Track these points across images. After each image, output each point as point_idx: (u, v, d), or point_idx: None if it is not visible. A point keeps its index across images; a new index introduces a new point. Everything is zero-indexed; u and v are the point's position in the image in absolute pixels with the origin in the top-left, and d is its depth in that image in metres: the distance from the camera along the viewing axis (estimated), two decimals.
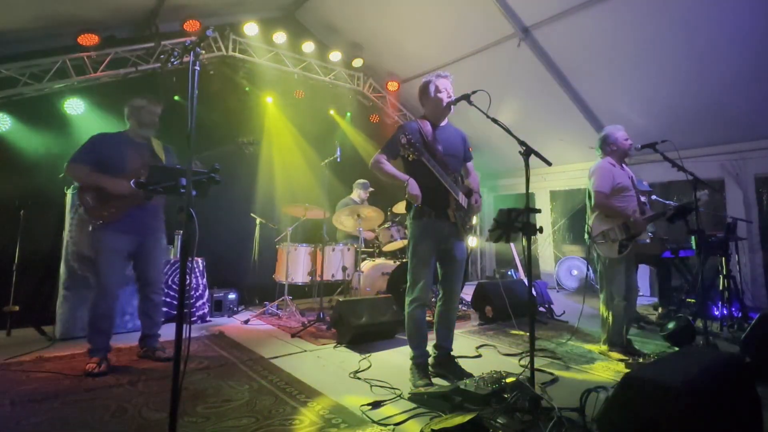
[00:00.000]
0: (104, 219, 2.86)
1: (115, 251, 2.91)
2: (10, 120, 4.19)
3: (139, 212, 2.96)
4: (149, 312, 3.15)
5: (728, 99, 5.00)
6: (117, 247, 2.91)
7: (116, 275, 2.92)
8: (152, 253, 3.11)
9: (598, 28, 4.94)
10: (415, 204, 2.62)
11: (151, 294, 3.13)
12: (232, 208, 5.47)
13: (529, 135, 2.95)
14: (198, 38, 1.81)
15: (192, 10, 5.10)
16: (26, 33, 4.39)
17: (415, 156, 2.46)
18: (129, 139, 3.06)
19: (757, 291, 5.30)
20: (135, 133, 3.08)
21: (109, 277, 2.87)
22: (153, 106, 3.11)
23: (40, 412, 2.16)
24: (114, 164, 2.90)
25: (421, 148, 2.49)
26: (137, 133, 3.08)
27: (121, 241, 2.92)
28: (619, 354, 3.18)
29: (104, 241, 2.87)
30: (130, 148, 3.00)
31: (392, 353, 3.33)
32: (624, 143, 3.33)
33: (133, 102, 3.10)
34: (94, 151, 2.91)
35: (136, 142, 3.06)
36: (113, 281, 2.90)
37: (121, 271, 2.97)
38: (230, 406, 2.26)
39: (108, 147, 2.95)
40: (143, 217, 3.00)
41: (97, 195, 2.86)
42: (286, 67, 6.07)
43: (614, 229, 3.17)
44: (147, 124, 3.08)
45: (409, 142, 2.42)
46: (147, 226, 3.04)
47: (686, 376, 1.65)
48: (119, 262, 2.94)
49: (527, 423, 2.02)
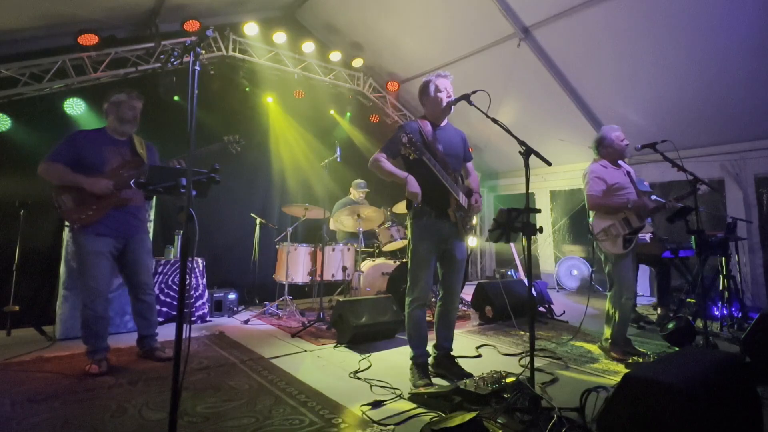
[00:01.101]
0: (83, 222, 2.75)
1: (99, 254, 2.79)
2: (10, 120, 4.19)
3: (119, 213, 2.86)
4: (143, 313, 3.10)
5: (728, 99, 5.00)
6: (100, 250, 2.80)
7: (103, 277, 2.82)
8: (138, 255, 3.01)
9: (598, 28, 4.94)
10: (415, 202, 2.61)
11: (142, 295, 3.07)
12: (232, 208, 5.47)
13: (529, 135, 2.96)
14: (198, 38, 1.81)
15: (192, 10, 5.10)
16: (26, 33, 4.39)
17: (416, 155, 2.45)
18: (108, 137, 2.92)
19: (757, 291, 5.30)
20: (114, 130, 2.95)
21: (97, 280, 2.78)
22: (133, 101, 2.97)
23: (40, 412, 2.16)
24: (92, 163, 2.80)
25: (422, 147, 2.48)
26: (117, 130, 2.94)
27: (103, 243, 2.81)
28: (619, 354, 3.18)
29: (86, 244, 2.77)
30: (110, 147, 2.88)
31: (392, 353, 3.32)
32: (619, 144, 3.32)
33: (112, 97, 2.95)
34: (72, 150, 2.79)
35: (115, 139, 2.93)
36: (101, 283, 2.81)
37: (108, 272, 2.86)
38: (230, 406, 2.26)
39: (86, 145, 2.82)
40: (124, 218, 2.90)
41: (75, 196, 2.75)
42: (286, 67, 6.07)
43: (615, 225, 3.17)
44: (127, 120, 2.94)
45: (410, 141, 2.42)
46: (129, 227, 2.94)
47: (686, 376, 1.65)
48: (104, 263, 2.83)
49: (527, 423, 2.02)
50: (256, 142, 5.89)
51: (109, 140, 2.93)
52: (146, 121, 3.48)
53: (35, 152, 4.24)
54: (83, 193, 2.76)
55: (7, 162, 4.14)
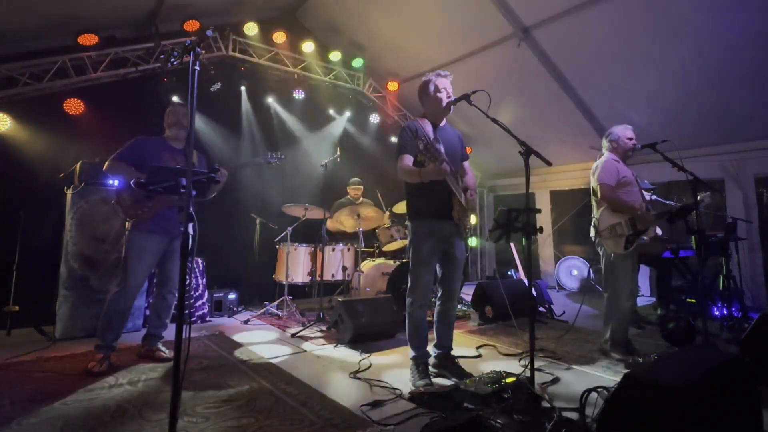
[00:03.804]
0: (138, 217, 2.92)
1: (145, 250, 2.95)
2: (10, 120, 4.19)
3: (170, 214, 3.01)
4: (160, 312, 3.18)
5: (728, 99, 5.00)
6: (147, 246, 2.96)
7: (142, 275, 2.99)
8: (176, 254, 3.14)
9: (598, 28, 4.93)
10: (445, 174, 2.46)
11: (168, 294, 3.18)
12: (232, 208, 5.47)
13: (529, 135, 2.95)
14: (198, 38, 1.81)
15: (192, 10, 5.10)
16: (26, 33, 4.39)
17: (432, 161, 2.37)
18: (166, 144, 3.14)
19: (757, 291, 5.30)
20: (171, 137, 3.16)
21: (134, 275, 2.92)
22: (176, 107, 3.21)
23: (40, 412, 2.16)
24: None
25: (436, 153, 2.41)
26: (173, 138, 3.16)
27: (151, 241, 2.97)
28: (619, 354, 3.18)
29: (136, 239, 2.93)
30: (167, 153, 3.07)
31: (392, 353, 3.32)
32: (626, 142, 3.34)
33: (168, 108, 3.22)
34: (135, 152, 2.98)
35: (172, 147, 3.14)
36: (137, 282, 2.95)
37: (147, 271, 3.03)
38: (230, 406, 2.26)
39: (147, 149, 3.02)
40: (173, 218, 3.04)
41: (134, 195, 2.91)
42: (286, 67, 6.07)
43: (621, 224, 3.16)
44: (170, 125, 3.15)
45: (426, 147, 2.36)
46: (176, 227, 3.06)
47: (686, 376, 1.64)
48: (147, 262, 2.98)
49: (527, 423, 2.02)
50: (255, 142, 5.89)
51: (167, 147, 3.12)
52: (147, 121, 3.49)
53: (35, 152, 4.26)
54: (140, 193, 2.91)
55: (7, 162, 4.13)
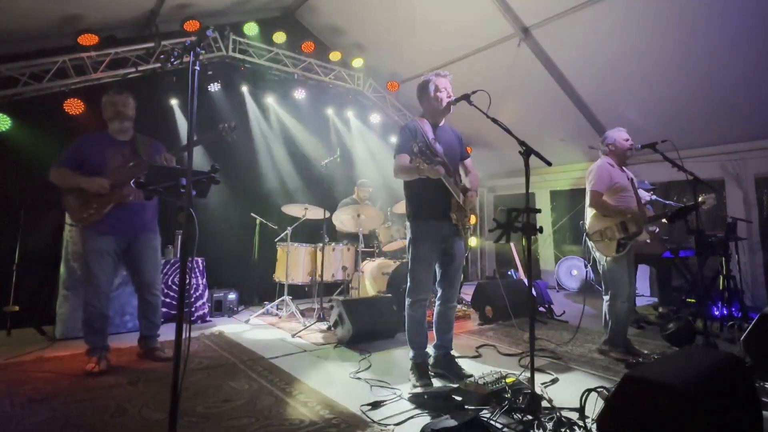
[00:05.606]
0: (84, 221, 2.84)
1: (100, 251, 2.87)
2: (10, 120, 4.19)
3: (121, 212, 2.91)
4: (147, 314, 3.13)
5: (728, 99, 5.00)
6: (100, 248, 2.87)
7: (105, 275, 2.89)
8: (143, 254, 3.05)
9: (598, 28, 4.93)
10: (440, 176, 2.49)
11: (148, 295, 3.10)
12: (232, 208, 5.47)
13: (529, 135, 2.95)
14: (198, 38, 1.81)
15: (192, 10, 5.10)
16: (26, 33, 4.39)
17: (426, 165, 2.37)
18: (110, 138, 3.01)
19: (757, 291, 5.30)
20: (114, 130, 3.02)
21: (98, 276, 2.86)
22: (112, 98, 3.01)
23: (40, 412, 2.16)
24: (94, 164, 2.89)
25: (431, 156, 2.42)
26: (116, 130, 3.02)
27: (104, 241, 2.88)
28: (619, 354, 3.18)
29: (88, 242, 2.87)
30: (110, 147, 2.97)
31: (392, 353, 3.33)
32: (623, 143, 3.33)
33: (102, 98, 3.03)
34: (76, 154, 2.90)
35: (117, 140, 3.01)
36: (102, 281, 2.88)
37: (109, 270, 2.93)
38: (230, 406, 2.26)
39: (89, 148, 2.93)
40: (127, 216, 2.94)
41: (78, 197, 2.85)
42: (286, 67, 6.07)
43: (611, 228, 3.16)
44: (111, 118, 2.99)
45: (420, 151, 2.36)
46: (132, 225, 2.98)
47: (686, 376, 1.64)
48: (106, 261, 2.89)
49: (527, 423, 2.02)
50: (256, 142, 5.89)
51: (110, 141, 3.00)
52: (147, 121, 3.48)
53: (35, 152, 4.25)
54: (86, 194, 2.84)
55: (7, 162, 4.13)
